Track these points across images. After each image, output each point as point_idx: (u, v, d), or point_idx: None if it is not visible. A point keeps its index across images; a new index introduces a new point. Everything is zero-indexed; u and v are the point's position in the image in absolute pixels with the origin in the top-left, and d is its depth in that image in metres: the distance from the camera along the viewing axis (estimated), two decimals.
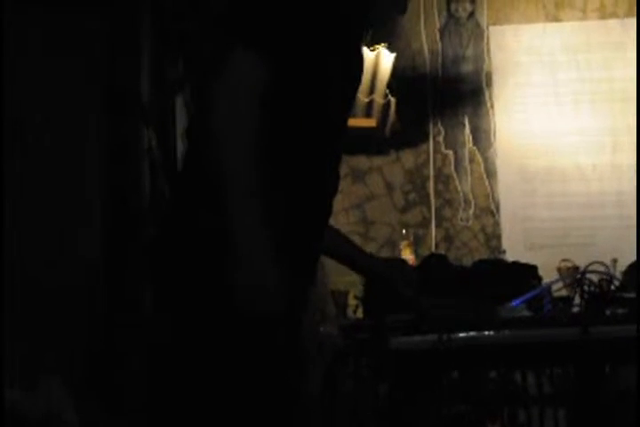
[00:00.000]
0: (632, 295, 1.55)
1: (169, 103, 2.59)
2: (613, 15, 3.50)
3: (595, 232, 3.36)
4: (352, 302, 2.96)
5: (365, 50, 3.18)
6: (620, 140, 3.43)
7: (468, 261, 3.14)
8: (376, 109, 3.31)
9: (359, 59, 1.44)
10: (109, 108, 2.51)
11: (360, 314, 2.78)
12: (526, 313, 1.53)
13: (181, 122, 2.59)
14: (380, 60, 3.28)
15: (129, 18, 2.61)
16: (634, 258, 2.38)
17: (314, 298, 3.17)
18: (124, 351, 2.25)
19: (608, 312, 1.47)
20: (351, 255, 1.62)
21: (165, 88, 2.61)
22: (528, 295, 1.63)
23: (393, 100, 3.32)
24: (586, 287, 1.51)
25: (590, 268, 1.62)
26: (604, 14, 3.51)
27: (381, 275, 1.59)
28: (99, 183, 2.45)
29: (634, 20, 3.48)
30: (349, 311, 2.95)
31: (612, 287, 1.61)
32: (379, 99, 3.29)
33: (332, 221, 1.55)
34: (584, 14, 3.52)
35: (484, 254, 3.34)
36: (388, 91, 3.31)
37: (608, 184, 3.39)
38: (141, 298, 2.33)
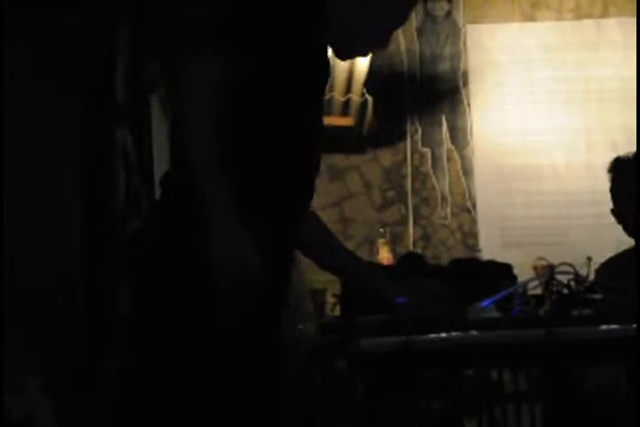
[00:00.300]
0: (598, 297, 1.58)
1: (144, 102, 2.59)
2: (588, 16, 3.53)
3: (569, 231, 3.40)
4: (330, 299, 2.98)
5: None
6: (595, 140, 3.47)
7: (445, 259, 3.16)
8: (353, 108, 3.32)
9: (325, 62, 1.49)
10: (85, 107, 2.50)
11: (338, 312, 2.79)
12: (495, 314, 1.55)
13: (156, 121, 2.58)
14: (356, 58, 3.29)
15: (104, 18, 2.61)
16: (607, 256, 2.42)
17: (291, 295, 3.18)
18: (104, 351, 2.25)
19: (575, 313, 1.49)
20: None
21: (140, 87, 2.60)
22: (498, 296, 1.64)
23: (370, 98, 3.34)
24: (554, 289, 1.53)
25: (560, 269, 1.64)
26: (578, 15, 3.54)
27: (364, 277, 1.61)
28: (75, 183, 2.44)
29: (608, 21, 3.52)
30: (327, 309, 2.97)
31: (581, 288, 1.63)
32: (356, 97, 3.31)
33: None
34: (559, 14, 3.55)
35: (461, 252, 3.37)
36: (364, 89, 3.33)
37: (583, 183, 3.42)
38: (119, 297, 2.33)
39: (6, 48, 2.39)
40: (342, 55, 1.53)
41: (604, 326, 1.40)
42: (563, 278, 1.67)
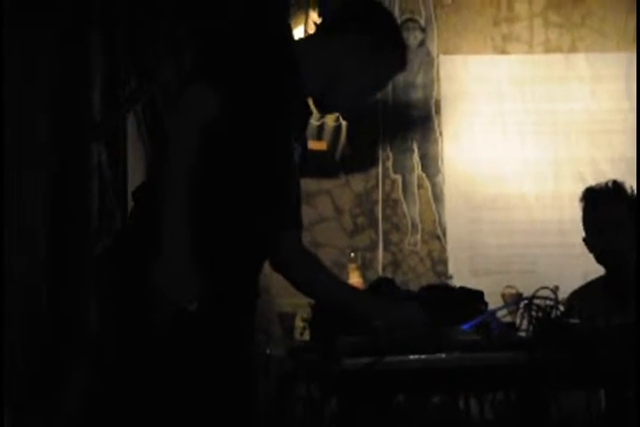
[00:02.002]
0: (576, 321, 1.59)
1: (121, 119, 2.57)
2: (558, 50, 3.62)
3: (537, 260, 3.44)
4: (299, 324, 2.95)
5: None
6: (562, 170, 3.53)
7: (414, 286, 3.16)
8: (327, 132, 3.34)
9: (304, 102, 1.55)
10: (59, 123, 2.47)
11: (307, 336, 2.77)
12: (475, 337, 1.55)
13: (132, 139, 2.56)
14: None
15: (80, 34, 2.59)
16: (575, 286, 2.44)
17: (260, 319, 3.15)
18: (68, 366, 2.20)
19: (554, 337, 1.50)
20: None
21: (117, 105, 2.58)
22: (477, 320, 1.65)
23: (344, 123, 3.36)
24: (534, 313, 1.54)
25: (538, 293, 1.65)
26: (548, 48, 3.63)
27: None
28: (47, 200, 2.40)
29: (577, 56, 3.61)
30: (296, 334, 2.94)
31: (558, 313, 1.65)
32: (330, 122, 3.33)
33: None
34: (530, 48, 3.64)
35: (430, 279, 3.38)
36: (339, 114, 3.35)
37: (550, 212, 3.48)
38: (86, 317, 2.29)
39: None
40: (320, 109, 1.59)
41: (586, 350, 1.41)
42: (538, 304, 1.68)
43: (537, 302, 1.63)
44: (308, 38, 1.56)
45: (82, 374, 2.11)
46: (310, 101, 1.57)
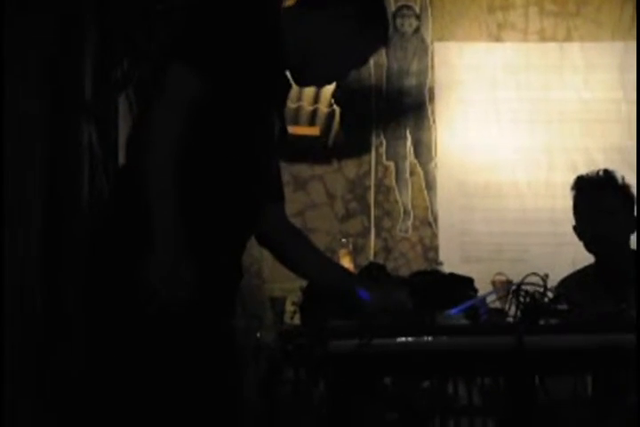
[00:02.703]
0: (564, 307, 1.60)
1: (112, 101, 2.56)
2: (552, 39, 3.62)
3: (528, 248, 3.45)
4: (290, 308, 2.96)
5: None
6: (555, 159, 3.54)
7: (405, 272, 3.17)
8: (320, 118, 3.33)
9: (284, 74, 1.52)
10: (52, 104, 2.46)
11: (297, 320, 2.77)
12: (464, 321, 1.55)
13: (124, 120, 2.55)
14: None
15: (73, 16, 2.58)
16: (565, 274, 2.46)
17: (250, 304, 3.17)
18: (62, 356, 2.20)
19: (542, 322, 1.51)
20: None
21: (109, 86, 2.57)
22: (465, 304, 1.65)
23: (337, 109, 3.35)
24: (522, 298, 1.55)
25: (527, 279, 1.65)
26: (543, 37, 3.62)
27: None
28: (38, 181, 2.39)
29: (571, 45, 3.61)
30: (286, 318, 2.95)
31: (546, 299, 1.65)
32: (323, 107, 3.32)
33: None
34: (525, 36, 3.63)
35: (421, 265, 3.39)
36: (332, 100, 3.34)
37: (542, 201, 3.48)
38: (77, 297, 2.28)
39: None
40: (298, 82, 1.56)
41: (575, 336, 1.42)
42: (527, 289, 1.69)
43: (526, 287, 1.64)
44: (286, 10, 1.52)
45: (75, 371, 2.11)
46: (288, 74, 1.55)
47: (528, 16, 3.62)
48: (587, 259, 2.42)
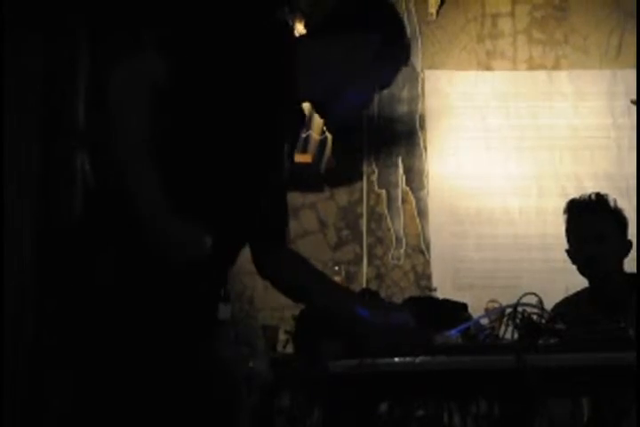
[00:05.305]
0: (562, 327, 1.59)
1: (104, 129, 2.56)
2: (541, 67, 3.66)
3: (521, 274, 3.44)
4: (282, 337, 2.93)
5: None
6: (545, 185, 3.55)
7: (398, 300, 3.15)
8: (312, 145, 3.34)
9: (297, 108, 1.51)
10: (44, 130, 2.46)
11: (290, 349, 2.74)
12: (461, 341, 1.54)
13: None
14: None
15: (66, 42, 2.59)
16: (557, 299, 2.45)
17: (243, 332, 3.13)
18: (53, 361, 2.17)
19: (541, 342, 1.49)
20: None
21: (100, 112, 2.57)
22: (463, 326, 1.64)
23: (329, 136, 3.36)
24: (518, 320, 1.54)
25: (523, 299, 1.64)
26: (532, 65, 3.67)
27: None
28: (31, 209, 2.38)
29: (560, 73, 3.65)
30: (279, 346, 2.92)
31: (543, 320, 1.64)
32: (315, 135, 3.33)
33: None
34: (514, 64, 3.67)
35: (414, 293, 3.37)
36: (324, 127, 3.36)
37: (533, 227, 3.49)
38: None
39: None
40: (324, 115, 1.53)
41: (576, 354, 1.41)
42: (524, 309, 1.67)
43: (522, 308, 1.63)
44: (301, 41, 1.50)
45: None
46: (308, 106, 1.52)
47: (516, 44, 3.67)
48: (580, 284, 2.41)
